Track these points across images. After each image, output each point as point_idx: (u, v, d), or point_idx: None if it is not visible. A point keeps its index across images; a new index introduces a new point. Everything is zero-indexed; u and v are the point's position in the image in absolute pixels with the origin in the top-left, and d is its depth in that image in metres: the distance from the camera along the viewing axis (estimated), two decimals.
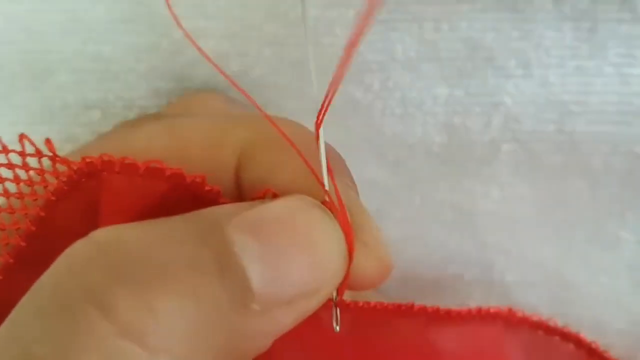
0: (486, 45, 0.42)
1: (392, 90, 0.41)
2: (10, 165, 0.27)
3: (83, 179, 0.27)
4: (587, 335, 0.39)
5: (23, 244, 0.27)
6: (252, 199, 0.26)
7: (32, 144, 0.27)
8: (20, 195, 0.28)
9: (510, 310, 0.34)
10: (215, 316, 0.22)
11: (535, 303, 0.43)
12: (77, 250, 0.23)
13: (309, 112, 0.27)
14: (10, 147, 0.28)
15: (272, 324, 0.24)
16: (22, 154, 0.27)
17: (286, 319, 0.24)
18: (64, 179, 0.27)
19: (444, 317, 0.30)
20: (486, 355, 0.31)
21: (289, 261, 0.24)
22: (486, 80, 0.42)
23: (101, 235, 0.23)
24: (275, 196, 0.26)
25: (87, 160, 0.26)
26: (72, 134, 0.39)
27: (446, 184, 0.42)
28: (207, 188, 0.26)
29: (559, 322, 0.41)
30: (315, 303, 0.25)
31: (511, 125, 0.42)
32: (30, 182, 0.27)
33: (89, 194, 0.27)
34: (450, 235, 0.43)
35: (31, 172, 0.28)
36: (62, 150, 0.39)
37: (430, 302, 0.30)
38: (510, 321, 0.34)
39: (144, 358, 0.21)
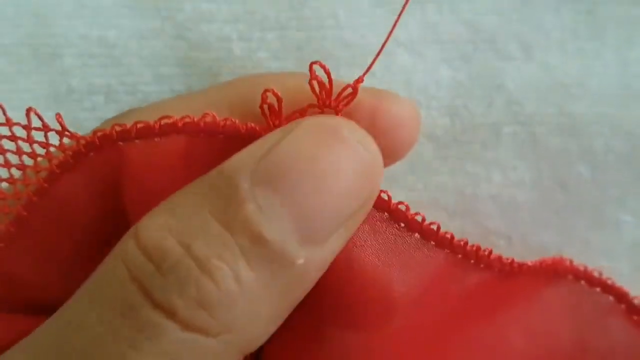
0: (487, 28, 0.42)
1: (396, 74, 0.42)
2: (12, 138, 0.28)
3: (92, 153, 0.27)
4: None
5: (25, 213, 0.28)
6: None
7: (40, 118, 0.27)
8: (22, 167, 0.28)
9: (555, 260, 0.34)
10: (263, 289, 0.24)
11: None
12: (131, 254, 0.24)
13: None
14: (17, 131, 0.28)
15: (320, 259, 0.25)
16: (27, 127, 0.27)
17: (333, 247, 0.25)
18: (70, 153, 0.27)
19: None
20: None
21: (318, 200, 0.24)
22: (487, 63, 0.42)
23: (147, 240, 0.24)
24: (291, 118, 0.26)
25: (100, 133, 0.27)
26: (76, 119, 0.39)
27: (448, 168, 0.42)
28: (220, 123, 0.27)
29: None
30: (358, 219, 0.26)
31: (513, 107, 0.42)
32: (33, 155, 0.28)
33: (99, 168, 0.27)
34: (451, 219, 0.43)
35: (35, 145, 0.28)
36: None
37: None
38: (555, 270, 0.34)
39: (210, 342, 0.23)
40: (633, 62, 0.42)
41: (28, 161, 0.28)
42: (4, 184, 0.28)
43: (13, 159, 0.29)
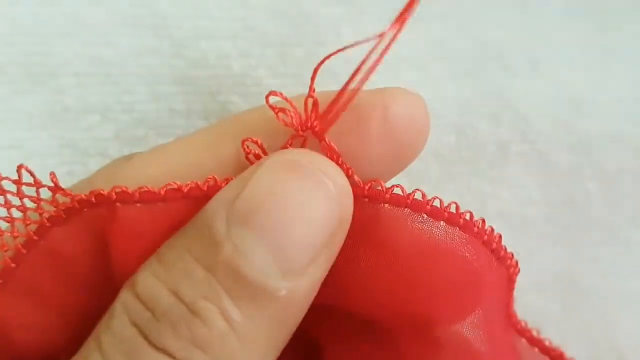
0: (495, 43, 0.41)
1: None
2: (1, 192, 0.28)
3: (85, 209, 0.27)
4: (598, 341, 0.39)
5: (13, 265, 0.28)
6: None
7: (32, 175, 0.27)
8: (10, 219, 0.28)
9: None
10: (252, 324, 0.25)
11: (545, 306, 0.42)
12: (129, 303, 0.26)
13: None
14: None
15: (305, 288, 0.26)
16: (18, 182, 0.28)
17: (316, 275, 0.26)
18: (63, 208, 0.27)
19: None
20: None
21: (289, 232, 0.25)
22: (495, 80, 0.41)
23: (140, 290, 0.26)
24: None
25: (97, 192, 0.27)
26: (71, 139, 0.39)
27: (455, 186, 0.41)
28: (222, 185, 0.27)
29: (569, 325, 0.40)
30: (336, 245, 0.27)
31: (521, 125, 0.41)
32: (23, 208, 0.28)
33: (94, 222, 0.27)
34: None
35: (25, 199, 0.28)
36: (61, 155, 0.39)
37: None
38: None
39: None
40: None
41: (17, 214, 0.29)
42: None
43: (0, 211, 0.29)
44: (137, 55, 0.39)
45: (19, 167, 0.27)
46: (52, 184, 0.28)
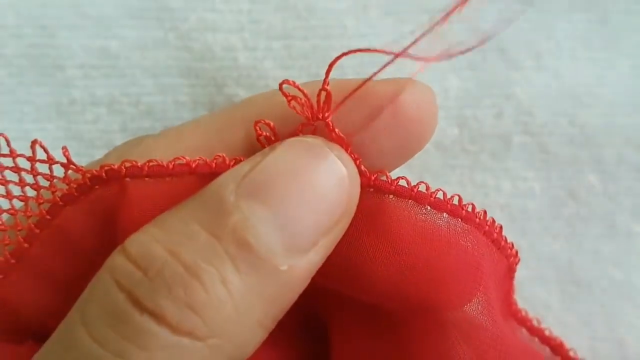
0: (497, 36, 0.41)
1: None
2: (16, 169, 0.28)
3: (97, 186, 0.27)
4: (598, 332, 0.40)
5: (26, 245, 0.28)
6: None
7: (45, 150, 0.27)
8: (24, 198, 0.28)
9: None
10: (249, 293, 0.25)
11: (546, 298, 0.42)
12: (118, 265, 0.25)
13: None
14: (17, 143, 0.28)
15: (304, 269, 0.26)
16: (32, 159, 0.27)
17: (316, 258, 0.26)
18: (75, 186, 0.27)
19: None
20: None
21: (300, 210, 0.25)
22: (497, 72, 0.41)
23: (134, 250, 0.25)
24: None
25: (107, 167, 0.27)
26: (77, 131, 0.39)
27: (457, 177, 0.42)
28: (230, 163, 0.27)
29: (569, 317, 0.41)
30: (339, 232, 0.27)
31: (523, 117, 0.41)
32: (36, 186, 0.28)
33: (104, 202, 0.27)
34: None
35: (39, 177, 0.28)
36: (68, 147, 0.39)
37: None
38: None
39: (199, 347, 0.24)
40: None
41: (31, 192, 0.28)
42: (5, 215, 0.28)
43: (15, 189, 0.29)
44: (143, 47, 0.39)
45: (33, 142, 0.27)
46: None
